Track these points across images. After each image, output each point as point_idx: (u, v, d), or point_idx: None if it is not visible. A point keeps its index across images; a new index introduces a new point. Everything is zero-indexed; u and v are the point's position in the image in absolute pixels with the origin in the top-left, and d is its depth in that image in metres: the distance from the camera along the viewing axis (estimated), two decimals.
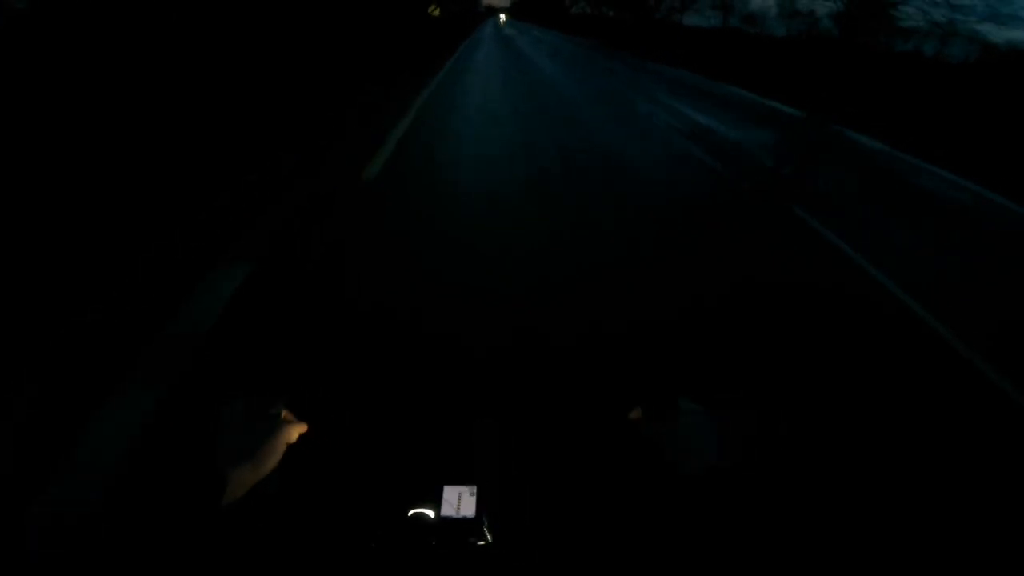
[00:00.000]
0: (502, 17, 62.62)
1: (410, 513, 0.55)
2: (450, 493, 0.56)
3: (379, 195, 3.84)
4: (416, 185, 4.14)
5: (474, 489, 0.57)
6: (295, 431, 0.58)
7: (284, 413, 0.59)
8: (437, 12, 20.91)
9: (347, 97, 6.90)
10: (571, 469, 0.60)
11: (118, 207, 3.00)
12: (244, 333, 2.18)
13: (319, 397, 0.66)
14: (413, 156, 4.90)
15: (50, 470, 1.46)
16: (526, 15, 76.75)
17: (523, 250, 3.10)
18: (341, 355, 2.05)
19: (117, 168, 3.49)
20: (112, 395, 1.76)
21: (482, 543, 0.53)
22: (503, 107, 7.81)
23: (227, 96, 4.92)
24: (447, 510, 0.55)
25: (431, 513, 0.55)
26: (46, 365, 1.84)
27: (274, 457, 0.54)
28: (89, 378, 1.81)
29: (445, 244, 3.07)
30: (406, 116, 6.42)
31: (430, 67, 11.32)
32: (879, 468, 1.80)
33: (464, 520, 0.54)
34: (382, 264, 2.76)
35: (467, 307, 2.42)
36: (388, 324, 2.22)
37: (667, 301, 2.65)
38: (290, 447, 0.57)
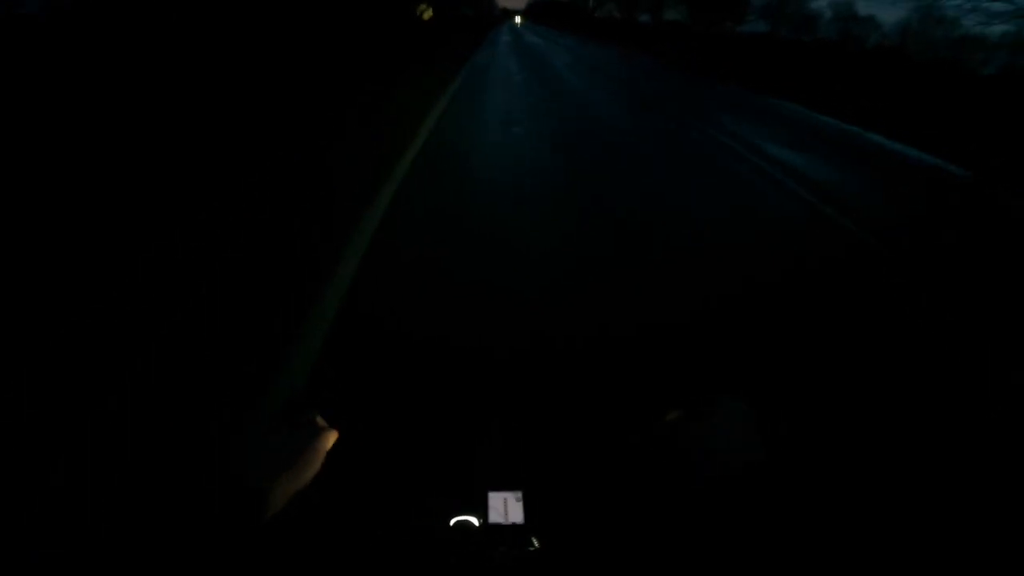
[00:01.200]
0: (517, 19, 63.27)
1: (454, 521, 0.55)
2: (495, 499, 0.56)
3: None
4: None
5: (520, 494, 0.57)
6: (330, 438, 0.57)
7: (317, 419, 0.58)
8: (429, 14, 16.35)
9: None
10: (613, 472, 0.60)
11: (119, 207, 3.15)
12: (258, 334, 2.26)
13: (349, 402, 0.65)
14: None
15: (51, 471, 1.52)
16: (543, 18, 74.90)
17: None
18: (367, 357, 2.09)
19: (119, 168, 3.67)
20: (112, 395, 1.83)
21: (532, 549, 0.53)
22: None
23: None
24: (495, 517, 0.55)
25: (475, 521, 0.55)
26: (46, 365, 1.94)
27: (313, 466, 0.53)
28: (88, 379, 1.90)
29: None
30: None
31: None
32: (884, 467, 1.83)
33: (513, 526, 0.55)
34: None
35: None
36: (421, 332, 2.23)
37: None
38: (327, 455, 0.56)
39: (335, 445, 0.58)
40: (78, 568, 0.41)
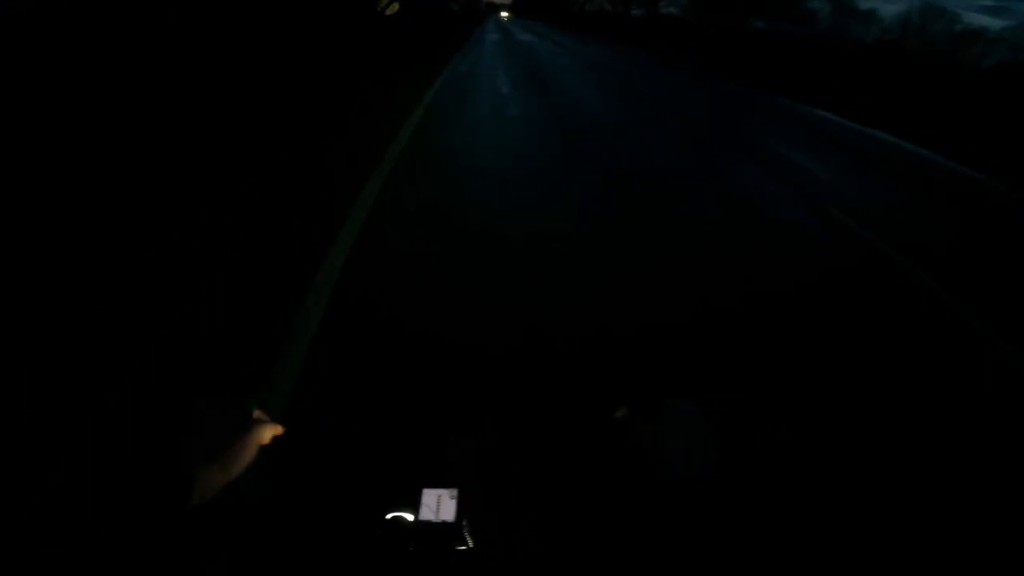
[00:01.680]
0: (504, 14, 59.16)
1: (388, 516, 0.56)
2: (429, 496, 0.58)
3: None
4: None
5: (455, 492, 0.58)
6: (269, 432, 0.57)
7: (257, 413, 0.58)
8: (396, 8, 13.49)
9: None
10: (556, 471, 0.62)
11: (119, 206, 3.18)
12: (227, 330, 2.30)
13: (294, 397, 0.69)
14: None
15: (51, 471, 1.55)
16: (530, 13, 71.56)
17: None
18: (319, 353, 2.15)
19: (119, 168, 3.69)
20: (112, 395, 1.87)
21: (462, 548, 0.54)
22: None
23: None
24: (426, 514, 0.56)
25: (410, 517, 0.57)
26: (46, 365, 1.96)
27: (245, 457, 0.54)
28: (87, 378, 1.92)
29: None
30: None
31: None
32: (876, 471, 1.87)
33: (443, 524, 0.56)
34: None
35: None
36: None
37: None
38: (264, 448, 0.56)
39: (275, 439, 0.59)
40: (78, 568, 0.43)
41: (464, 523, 0.56)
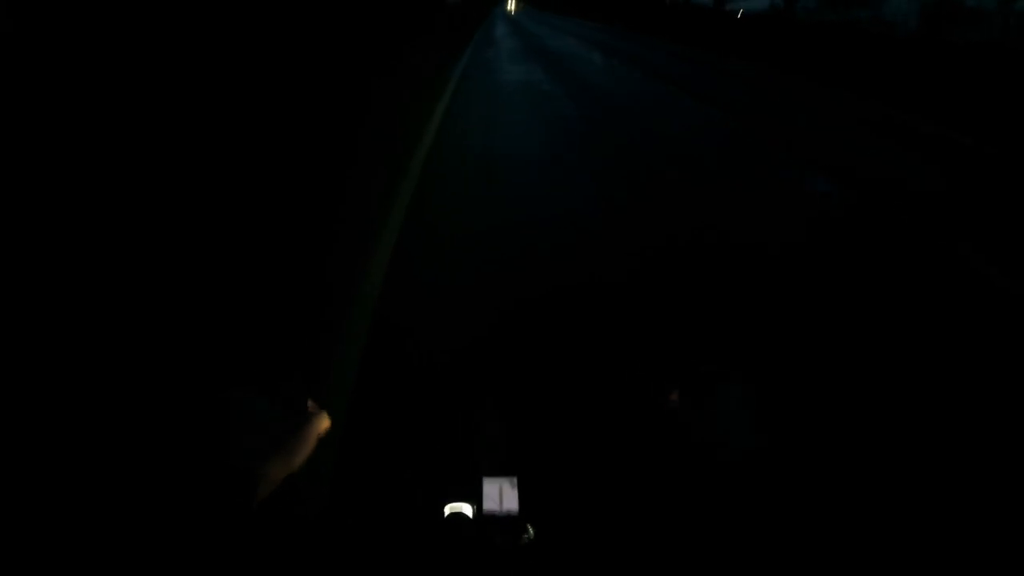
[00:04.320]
0: (511, 5, 52.21)
1: (447, 510, 0.55)
2: (490, 486, 0.57)
3: None
4: None
5: (515, 480, 0.57)
6: (322, 422, 0.58)
7: (309, 404, 0.59)
8: None
9: None
10: (610, 455, 0.62)
11: (122, 207, 3.29)
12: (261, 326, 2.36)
13: (343, 387, 0.67)
14: None
15: (51, 471, 1.58)
16: (543, 2, 62.27)
17: None
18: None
19: (122, 169, 3.83)
20: (112, 395, 1.91)
21: (527, 539, 0.53)
22: None
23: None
24: (489, 504, 0.56)
25: (470, 509, 0.56)
26: (45, 365, 2.02)
27: (304, 450, 0.54)
28: (88, 378, 1.98)
29: None
30: None
31: None
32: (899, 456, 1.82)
33: (507, 516, 0.55)
34: None
35: None
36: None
37: None
38: (319, 440, 0.57)
39: (328, 430, 0.59)
40: (78, 568, 0.43)
41: (528, 513, 0.55)
